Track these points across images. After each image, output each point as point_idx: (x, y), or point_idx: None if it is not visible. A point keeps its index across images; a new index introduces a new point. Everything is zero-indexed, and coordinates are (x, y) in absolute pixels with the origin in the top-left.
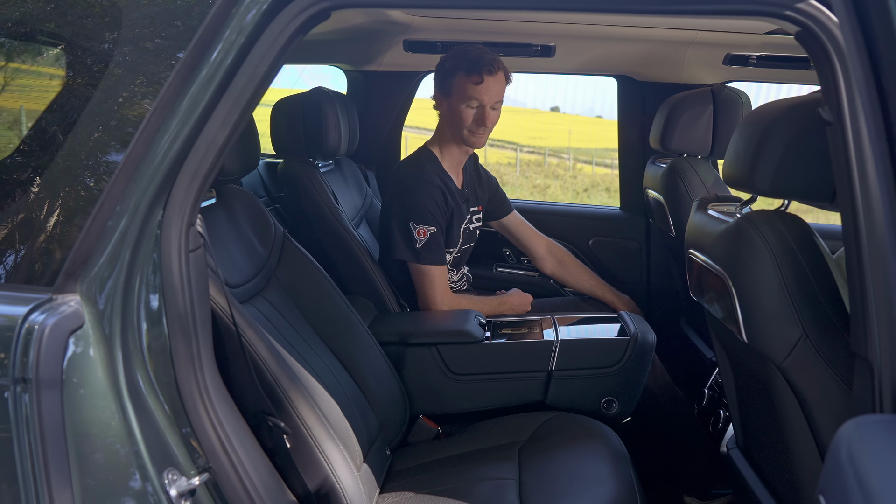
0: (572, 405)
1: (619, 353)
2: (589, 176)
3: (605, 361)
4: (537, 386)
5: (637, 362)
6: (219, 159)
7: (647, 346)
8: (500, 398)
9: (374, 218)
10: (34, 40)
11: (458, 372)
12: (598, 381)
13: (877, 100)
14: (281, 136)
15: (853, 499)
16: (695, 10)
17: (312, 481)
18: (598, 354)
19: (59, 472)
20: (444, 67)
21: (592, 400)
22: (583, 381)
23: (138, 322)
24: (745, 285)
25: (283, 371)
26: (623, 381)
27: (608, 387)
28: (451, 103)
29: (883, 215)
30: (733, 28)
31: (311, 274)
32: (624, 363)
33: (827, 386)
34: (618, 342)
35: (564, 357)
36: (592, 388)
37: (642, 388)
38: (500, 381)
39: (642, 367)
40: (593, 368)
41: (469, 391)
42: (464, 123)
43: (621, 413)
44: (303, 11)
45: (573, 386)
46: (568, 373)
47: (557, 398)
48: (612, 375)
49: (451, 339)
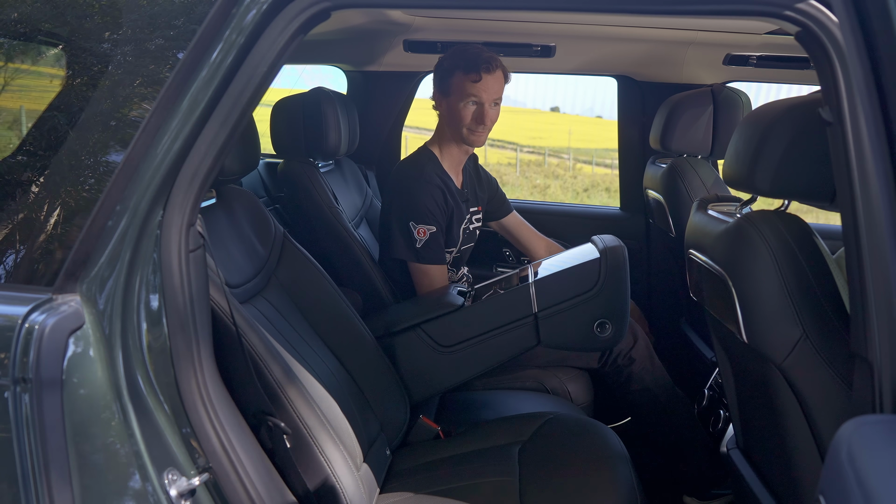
0: (566, 340)
1: (594, 273)
2: (589, 176)
3: (584, 286)
4: (527, 332)
5: (614, 277)
6: (219, 159)
7: (620, 257)
8: (497, 356)
9: (374, 218)
10: (34, 40)
11: (447, 344)
12: (584, 307)
13: (877, 100)
14: (281, 136)
15: (853, 499)
16: (695, 10)
17: (312, 481)
18: (574, 282)
19: (59, 472)
20: (442, 67)
21: (584, 328)
22: (569, 312)
23: (138, 322)
24: (745, 285)
25: (283, 371)
26: (607, 299)
27: (595, 310)
28: (451, 102)
29: (883, 215)
30: (733, 28)
31: (311, 274)
32: (602, 282)
33: (827, 386)
34: (590, 264)
35: (543, 295)
36: (580, 316)
37: (628, 303)
38: (492, 340)
39: (621, 280)
40: (574, 297)
41: (465, 360)
42: (463, 122)
43: (617, 334)
44: (303, 11)
45: (561, 320)
46: (552, 309)
47: (550, 337)
48: (594, 298)
49: (431, 315)
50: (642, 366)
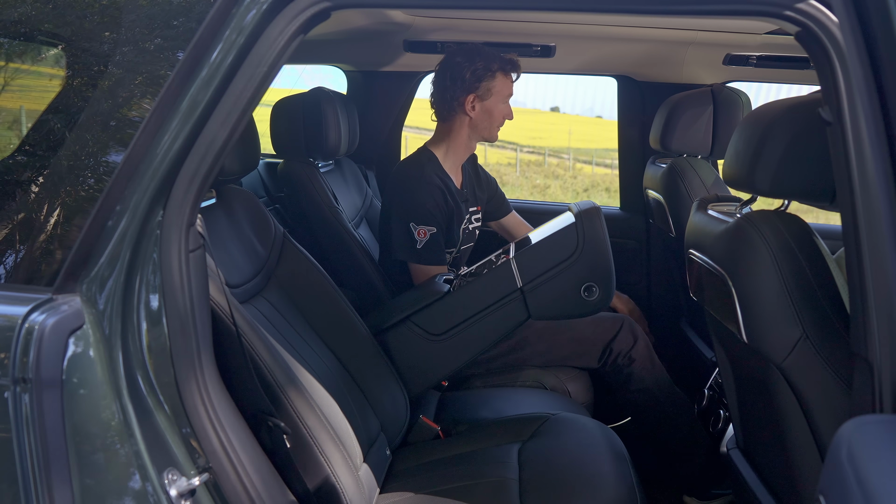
0: (556, 309)
1: (572, 238)
2: (589, 176)
3: (564, 253)
4: (516, 307)
5: (593, 239)
6: (219, 159)
7: (595, 219)
8: (490, 336)
9: (374, 218)
10: (34, 40)
11: (439, 332)
12: (567, 274)
13: (877, 100)
14: (281, 136)
15: (853, 499)
16: (695, 10)
17: (312, 481)
18: (554, 251)
19: (59, 472)
20: (475, 71)
21: (571, 295)
22: (553, 281)
23: (138, 322)
24: (745, 285)
25: (283, 371)
26: (589, 262)
27: (579, 275)
28: (489, 104)
29: (883, 215)
30: (733, 28)
31: (311, 274)
32: (581, 246)
33: (827, 386)
34: (566, 230)
35: (525, 269)
36: (565, 283)
37: (611, 263)
38: (482, 321)
39: (600, 241)
40: (557, 265)
41: (458, 345)
42: (498, 121)
43: (605, 296)
44: (303, 12)
45: (547, 291)
46: (536, 281)
47: (539, 309)
48: (576, 262)
49: (419, 306)
50: (642, 366)
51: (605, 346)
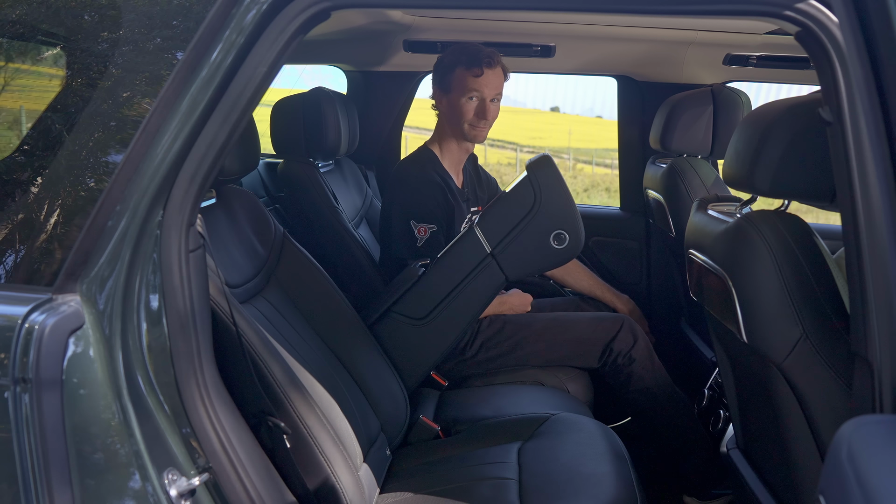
0: (530, 265)
1: (528, 192)
2: (589, 176)
3: (524, 208)
4: (492, 273)
5: (549, 186)
6: (219, 159)
7: (546, 166)
8: (473, 308)
9: (374, 218)
10: (33, 40)
11: (422, 315)
12: (532, 227)
13: (877, 100)
14: (281, 136)
15: (853, 499)
16: (695, 10)
17: (312, 481)
18: (513, 209)
19: (59, 472)
20: (443, 64)
21: (542, 247)
22: (521, 238)
23: (138, 322)
24: (745, 285)
25: (283, 371)
26: (551, 211)
27: (545, 225)
28: (452, 98)
29: (883, 215)
30: (733, 28)
31: (311, 274)
32: (538, 197)
33: (827, 386)
34: (521, 184)
35: (491, 233)
36: (533, 237)
37: (574, 206)
38: (461, 295)
39: (557, 186)
40: (520, 223)
41: (445, 324)
42: (465, 117)
43: (575, 240)
44: (303, 12)
45: (518, 249)
46: (504, 242)
47: (514, 269)
48: (538, 214)
49: (397, 295)
50: (642, 366)
51: (605, 346)
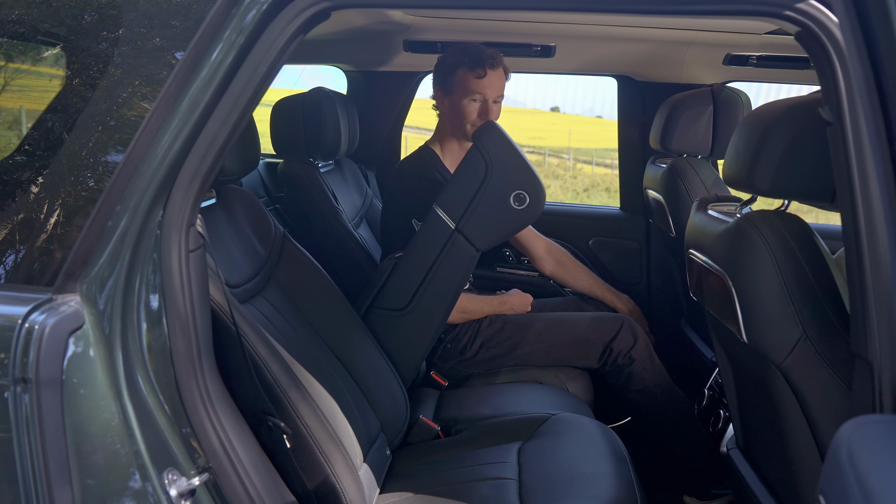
0: (497, 231)
1: (477, 160)
2: (589, 176)
3: (477, 177)
4: (461, 248)
5: (497, 150)
6: (219, 159)
7: (491, 131)
8: (452, 287)
9: (374, 218)
10: (33, 40)
11: (403, 305)
12: (490, 194)
13: (877, 100)
14: (281, 136)
15: (853, 499)
16: (695, 10)
17: (312, 481)
18: (467, 180)
19: (59, 472)
20: (444, 64)
21: (505, 212)
22: (481, 207)
23: (138, 322)
24: (745, 285)
25: (283, 371)
26: (503, 174)
27: (502, 189)
28: (454, 99)
29: (883, 215)
30: (733, 28)
31: (311, 274)
32: (489, 162)
33: (827, 386)
34: (470, 155)
35: (451, 209)
36: (493, 203)
37: (527, 163)
38: (437, 276)
39: (506, 147)
40: (477, 192)
41: (427, 309)
42: (467, 118)
43: (536, 200)
44: (303, 11)
45: (481, 219)
46: (466, 215)
47: (481, 238)
48: (492, 180)
49: (375, 290)
50: (642, 366)
51: (605, 346)
